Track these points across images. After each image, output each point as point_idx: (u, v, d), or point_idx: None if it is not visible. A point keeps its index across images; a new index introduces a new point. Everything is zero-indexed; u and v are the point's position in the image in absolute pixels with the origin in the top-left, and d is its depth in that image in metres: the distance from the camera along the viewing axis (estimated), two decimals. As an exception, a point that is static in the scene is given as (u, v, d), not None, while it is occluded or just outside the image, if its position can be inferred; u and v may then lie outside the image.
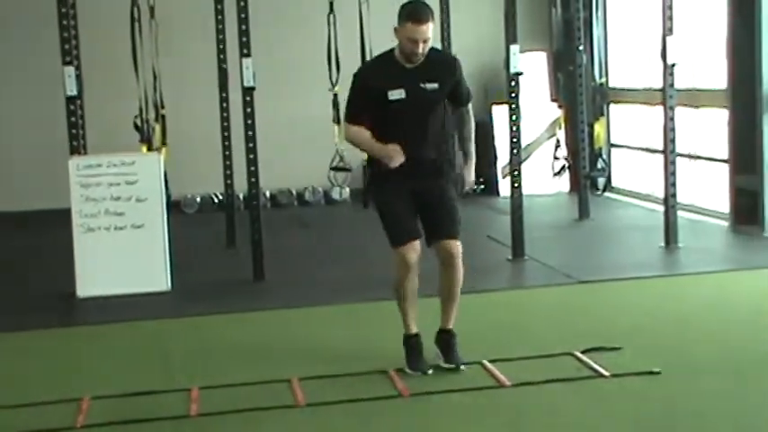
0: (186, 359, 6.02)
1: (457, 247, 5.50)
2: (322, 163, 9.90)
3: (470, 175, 5.69)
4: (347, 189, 11.62)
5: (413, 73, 5.43)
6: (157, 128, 9.60)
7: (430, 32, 5.34)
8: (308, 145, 11.83)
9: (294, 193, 12.42)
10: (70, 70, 7.81)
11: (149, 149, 9.09)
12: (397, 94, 5.40)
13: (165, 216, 7.79)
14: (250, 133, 8.02)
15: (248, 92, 7.97)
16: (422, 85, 5.43)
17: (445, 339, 5.60)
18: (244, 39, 7.95)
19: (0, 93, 12.04)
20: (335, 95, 9.55)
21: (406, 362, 5.52)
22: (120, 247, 7.67)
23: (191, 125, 11.36)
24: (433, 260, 5.58)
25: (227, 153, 9.64)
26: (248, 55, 7.93)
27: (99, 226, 7.65)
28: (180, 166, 10.38)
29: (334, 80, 9.51)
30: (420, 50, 5.36)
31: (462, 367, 5.49)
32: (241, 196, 10.71)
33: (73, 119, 7.86)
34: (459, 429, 4.73)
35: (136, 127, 9.24)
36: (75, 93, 7.85)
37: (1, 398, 5.33)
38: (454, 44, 9.94)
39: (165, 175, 8.06)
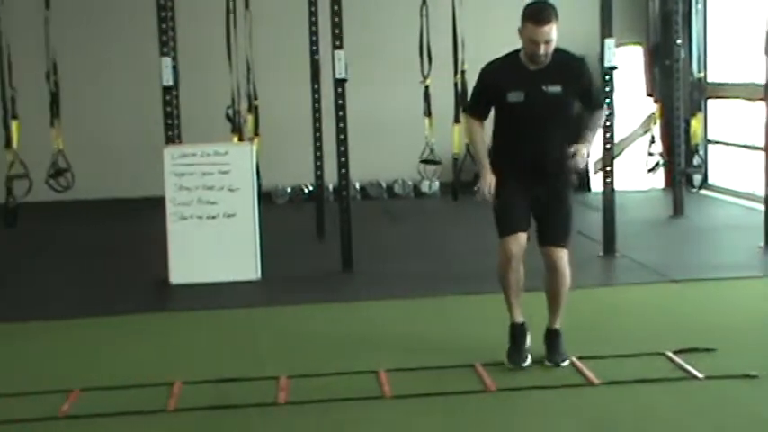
0: (275, 348, 6.06)
1: (561, 255, 5.47)
2: (412, 155, 9.89)
3: (582, 149, 5.30)
4: (437, 182, 11.59)
5: (535, 75, 5.29)
6: (250, 118, 9.70)
7: (553, 34, 5.19)
8: (399, 137, 11.84)
9: (384, 185, 12.44)
10: (167, 61, 7.92)
11: (241, 140, 9.18)
12: (515, 97, 5.30)
13: (256, 206, 7.86)
14: (341, 125, 8.04)
15: (340, 83, 7.99)
16: (543, 88, 5.27)
17: (548, 338, 5.58)
18: (336, 30, 7.96)
19: (99, 83, 12.27)
20: (427, 88, 9.53)
21: (507, 352, 5.50)
22: (212, 235, 7.77)
23: (283, 116, 11.44)
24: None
25: (317, 144, 9.68)
26: (340, 47, 7.95)
27: (192, 214, 7.76)
28: (271, 157, 10.48)
29: (425, 72, 9.48)
30: (541, 52, 5.21)
31: (562, 364, 5.46)
32: (331, 188, 10.78)
33: (168, 109, 7.98)
34: (545, 427, 4.69)
35: (228, 117, 9.34)
36: (171, 83, 7.96)
37: (95, 380, 5.44)
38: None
39: (257, 166, 8.13)
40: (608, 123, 8.24)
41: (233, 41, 9.20)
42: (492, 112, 5.51)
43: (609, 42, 8.17)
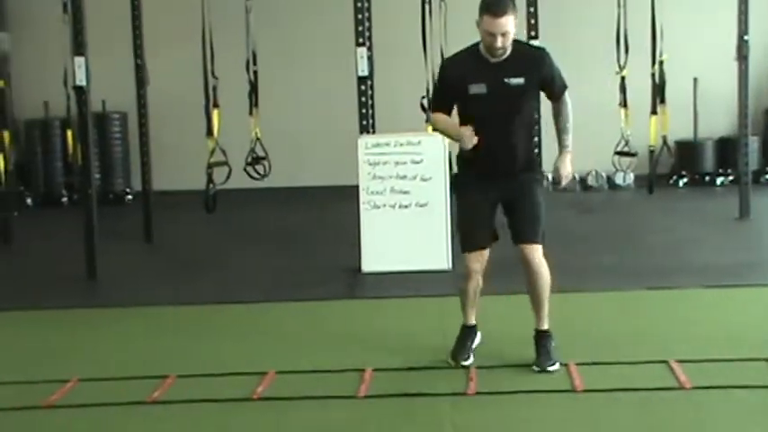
0: (464, 338, 6.06)
1: (534, 251, 5.40)
2: (606, 147, 9.73)
3: (566, 168, 5.45)
4: (631, 174, 11.37)
5: (496, 68, 5.26)
6: (443, 109, 9.71)
7: (509, 26, 5.16)
8: (593, 128, 11.61)
9: (577, 177, 12.26)
10: (363, 51, 8.03)
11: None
12: (477, 89, 5.27)
13: (448, 195, 7.88)
14: (535, 116, 7.95)
15: (533, 74, 7.92)
16: (505, 80, 5.25)
17: (536, 340, 5.50)
18: (532, 21, 7.91)
19: (296, 73, 12.56)
20: (623, 78, 9.35)
21: (451, 350, 5.53)
22: (404, 224, 7.83)
23: (475, 107, 11.41)
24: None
25: (509, 135, 9.62)
26: (536, 37, 7.89)
27: (384, 203, 7.84)
28: (463, 147, 10.46)
29: (621, 63, 9.30)
30: (499, 44, 5.18)
31: (551, 369, 5.31)
32: (522, 178, 10.68)
33: (363, 98, 8.09)
34: (742, 426, 4.53)
35: (423, 107, 9.39)
36: (366, 73, 8.07)
37: (288, 364, 5.58)
38: (753, 29, 9.51)
39: (449, 155, 8.14)
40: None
41: (428, 31, 9.24)
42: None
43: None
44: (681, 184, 12.07)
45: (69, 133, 10.16)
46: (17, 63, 12.20)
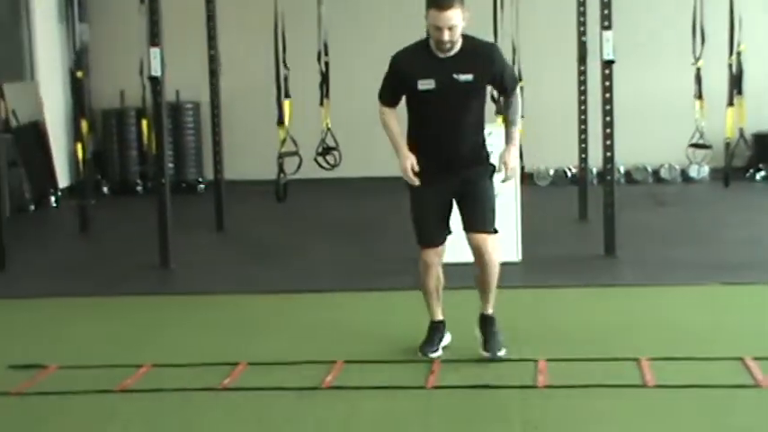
0: (533, 330, 6.03)
1: (485, 241, 5.40)
2: (680, 139, 9.60)
3: (511, 160, 5.41)
4: (706, 167, 11.20)
5: (445, 63, 5.22)
6: (514, 99, 9.65)
7: (456, 20, 5.10)
8: (667, 120, 11.51)
9: (650, 169, 12.13)
10: (433, 41, 8.00)
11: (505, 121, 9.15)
12: (426, 85, 5.24)
13: (519, 187, 7.83)
14: (608, 107, 7.89)
15: (607, 65, 7.84)
16: (454, 76, 5.20)
17: (482, 325, 5.52)
18: (605, 11, 7.82)
19: (366, 64, 12.54)
20: (698, 69, 9.20)
21: (421, 344, 5.55)
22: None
23: (547, 98, 11.34)
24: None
25: (582, 127, 9.55)
26: (609, 27, 7.80)
27: (454, 194, 7.80)
28: (534, 139, 10.41)
29: (697, 53, 9.16)
30: (446, 38, 5.13)
31: (500, 353, 5.38)
32: (594, 171, 10.60)
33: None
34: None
35: (493, 99, 9.34)
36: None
37: (357, 353, 5.61)
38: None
39: (520, 147, 8.08)
40: None
41: (499, 23, 9.20)
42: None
43: None
44: (758, 177, 11.85)
45: (144, 123, 10.30)
46: (95, 53, 12.38)
